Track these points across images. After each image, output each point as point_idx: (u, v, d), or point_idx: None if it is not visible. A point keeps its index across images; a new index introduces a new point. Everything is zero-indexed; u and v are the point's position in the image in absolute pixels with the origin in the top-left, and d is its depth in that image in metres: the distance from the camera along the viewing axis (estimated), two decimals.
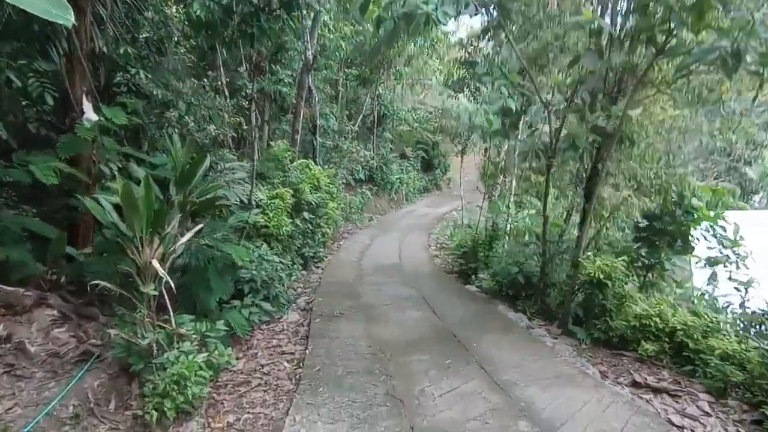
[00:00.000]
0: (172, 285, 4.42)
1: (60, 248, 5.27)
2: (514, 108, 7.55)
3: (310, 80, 14.21)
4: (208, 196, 5.74)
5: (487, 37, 8.47)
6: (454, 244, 12.03)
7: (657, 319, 5.76)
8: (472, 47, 15.40)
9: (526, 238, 10.23)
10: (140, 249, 4.41)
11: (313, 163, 13.54)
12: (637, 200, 8.59)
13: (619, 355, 6.09)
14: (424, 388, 4.80)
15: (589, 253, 7.08)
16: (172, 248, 4.74)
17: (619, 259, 6.55)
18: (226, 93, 10.87)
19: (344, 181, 18.21)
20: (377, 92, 22.43)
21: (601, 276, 6.18)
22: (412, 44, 20.80)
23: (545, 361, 5.54)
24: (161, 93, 7.30)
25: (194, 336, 4.71)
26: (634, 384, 5.26)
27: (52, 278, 5.28)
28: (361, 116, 21.61)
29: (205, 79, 9.82)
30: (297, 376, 5.34)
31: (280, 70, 14.01)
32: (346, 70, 19.73)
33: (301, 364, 5.68)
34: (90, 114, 5.46)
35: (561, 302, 7.27)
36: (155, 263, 4.34)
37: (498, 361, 5.51)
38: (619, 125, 6.48)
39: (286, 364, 5.92)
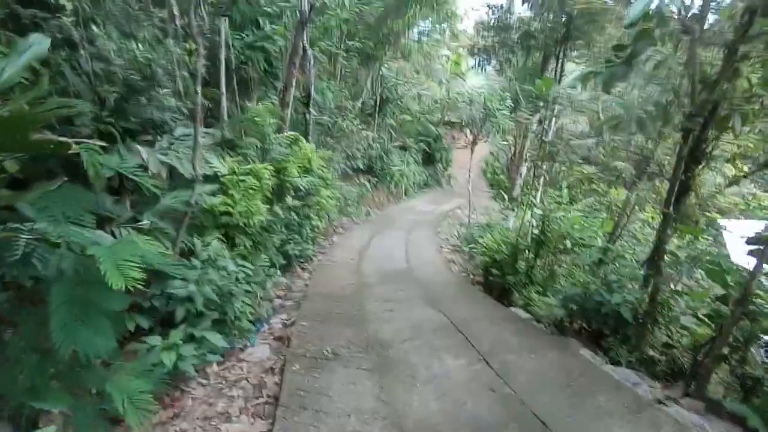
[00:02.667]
0: None
1: None
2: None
3: (304, 39, 11.10)
4: None
5: None
6: (478, 248, 9.13)
7: None
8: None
9: (567, 244, 7.28)
10: None
11: (304, 140, 10.50)
12: None
13: None
14: None
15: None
16: None
17: None
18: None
19: (340, 169, 15.16)
20: (380, 73, 19.35)
21: None
22: (423, 20, 17.83)
23: None
24: None
25: None
26: None
27: None
28: (361, 100, 18.51)
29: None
30: None
31: (267, 24, 10.90)
32: (348, 42, 16.60)
33: None
34: None
35: (694, 361, 4.32)
36: None
37: None
38: None
39: None
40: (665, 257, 4.61)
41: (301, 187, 9.02)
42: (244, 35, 10.77)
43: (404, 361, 4.51)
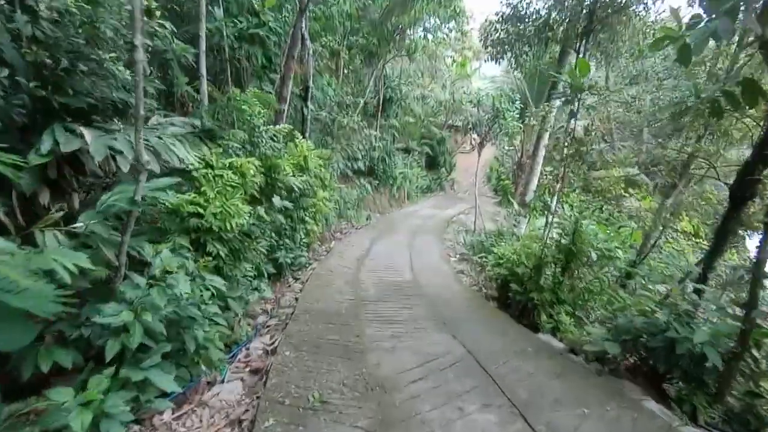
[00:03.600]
0: None
1: None
2: None
3: (303, 28, 10.02)
4: None
5: None
6: (492, 258, 7.98)
7: None
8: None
9: (593, 256, 6.11)
10: None
11: (300, 136, 9.39)
12: None
13: None
14: None
15: None
16: None
17: None
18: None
19: (340, 170, 14.02)
20: (383, 72, 18.27)
21: None
22: (429, 16, 16.74)
23: None
24: None
25: None
26: None
27: None
28: (362, 102, 17.38)
29: None
30: None
31: (265, 11, 9.82)
32: (351, 38, 15.50)
33: None
34: None
35: None
36: None
37: None
38: None
39: None
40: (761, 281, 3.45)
41: (295, 188, 7.89)
42: (238, 21, 9.70)
43: (414, 414, 3.34)
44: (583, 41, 10.04)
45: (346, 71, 17.05)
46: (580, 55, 10.24)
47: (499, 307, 7.16)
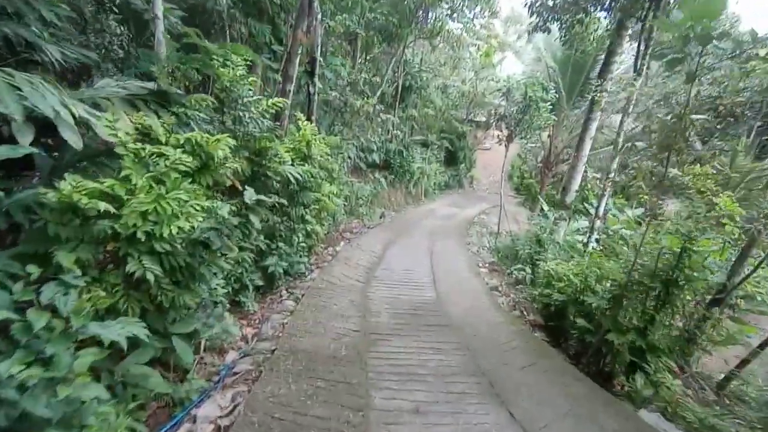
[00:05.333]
0: None
1: None
2: None
3: None
4: None
5: None
6: (539, 276, 6.06)
7: None
8: None
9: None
10: None
11: (303, 118, 7.55)
12: None
13: None
14: None
15: None
16: None
17: None
18: None
19: (352, 162, 12.14)
20: (403, 56, 16.28)
21: None
22: None
23: None
24: None
25: None
26: None
27: None
28: (380, 90, 15.40)
29: None
30: None
31: None
32: (369, 16, 13.53)
33: None
34: None
35: None
36: None
37: None
38: None
39: None
40: None
41: (291, 179, 6.08)
42: None
43: None
44: (651, 5, 7.91)
45: (363, 55, 15.14)
46: (645, 25, 8.15)
47: (551, 342, 5.24)
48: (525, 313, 6.29)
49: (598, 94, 8.48)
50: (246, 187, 3.84)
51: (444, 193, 20.65)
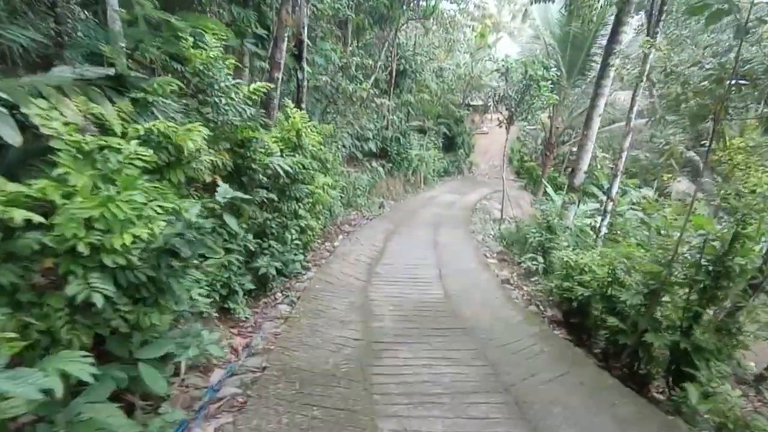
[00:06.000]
0: None
1: None
2: None
3: None
4: None
5: None
6: (557, 267, 5.48)
7: None
8: None
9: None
10: None
11: (292, 105, 6.90)
12: None
13: None
14: None
15: None
16: None
17: None
18: None
19: (347, 151, 11.46)
20: (396, 40, 15.48)
21: None
22: None
23: None
24: None
25: None
26: None
27: None
28: (373, 77, 14.61)
29: None
30: None
31: None
32: None
33: None
34: None
35: None
36: None
37: None
38: None
39: None
40: None
41: (281, 171, 5.49)
42: None
43: None
44: None
45: (354, 41, 14.34)
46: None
47: (573, 340, 4.69)
48: (541, 308, 5.74)
49: (612, 65, 7.81)
50: (219, 183, 3.22)
51: (443, 180, 20.02)
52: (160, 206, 2.73)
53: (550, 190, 11.89)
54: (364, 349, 3.90)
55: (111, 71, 3.71)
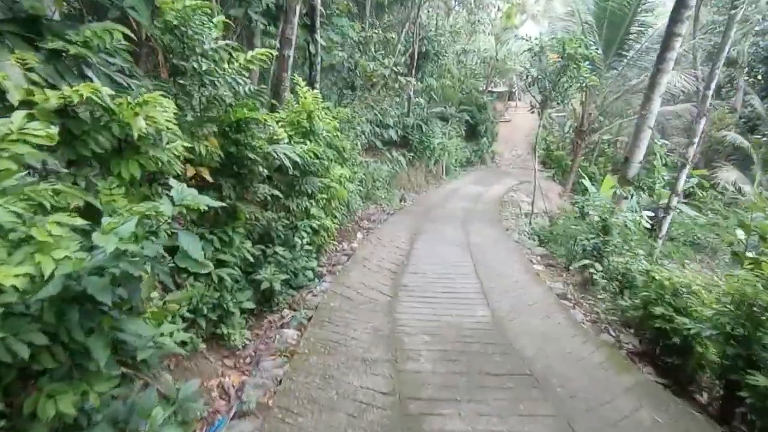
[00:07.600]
0: None
1: None
2: None
3: None
4: None
5: None
6: (637, 282, 4.17)
7: None
8: None
9: None
10: None
11: (303, 83, 5.65)
12: None
13: None
14: None
15: None
16: None
17: None
18: None
19: (366, 139, 10.17)
20: (418, 20, 14.00)
21: None
22: None
23: None
24: None
25: None
26: None
27: None
28: (396, 52, 13.14)
29: None
30: None
31: None
32: None
33: None
34: None
35: None
36: None
37: None
38: None
39: None
40: None
41: (287, 161, 4.30)
42: None
43: None
44: None
45: (372, 19, 12.91)
46: None
47: (670, 385, 3.40)
48: (613, 333, 4.43)
49: (679, 33, 6.30)
50: (171, 181, 2.03)
51: (466, 170, 18.58)
52: (57, 223, 1.54)
53: (587, 182, 10.38)
54: (397, 413, 2.70)
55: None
